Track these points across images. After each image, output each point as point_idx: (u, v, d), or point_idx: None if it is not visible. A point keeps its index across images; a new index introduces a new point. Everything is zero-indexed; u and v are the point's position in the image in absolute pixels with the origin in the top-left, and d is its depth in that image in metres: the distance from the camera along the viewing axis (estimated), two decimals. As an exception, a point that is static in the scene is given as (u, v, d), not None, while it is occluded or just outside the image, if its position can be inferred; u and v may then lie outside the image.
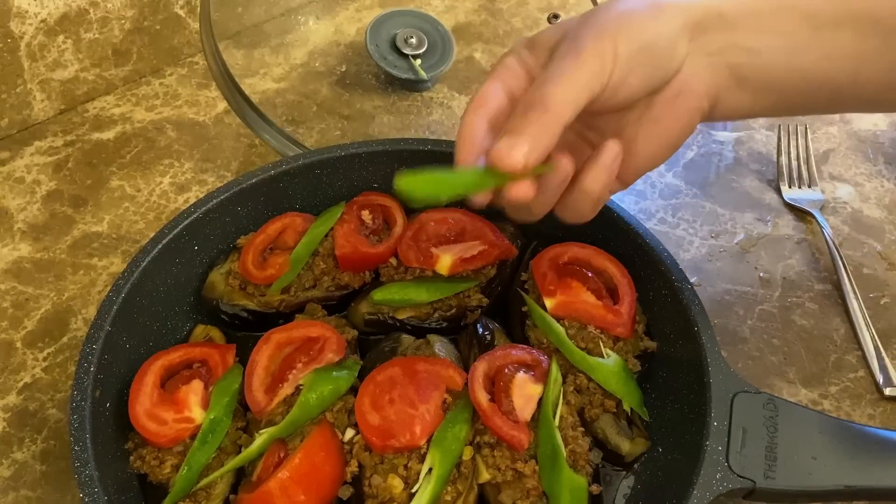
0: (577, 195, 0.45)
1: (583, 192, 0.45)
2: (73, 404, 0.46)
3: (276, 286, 0.58)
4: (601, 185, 0.44)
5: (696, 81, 0.44)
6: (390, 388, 0.49)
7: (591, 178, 0.44)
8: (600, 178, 0.44)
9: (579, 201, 0.45)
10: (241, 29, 0.93)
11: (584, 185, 0.44)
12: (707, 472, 0.44)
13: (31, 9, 0.73)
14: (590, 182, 0.44)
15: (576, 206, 0.45)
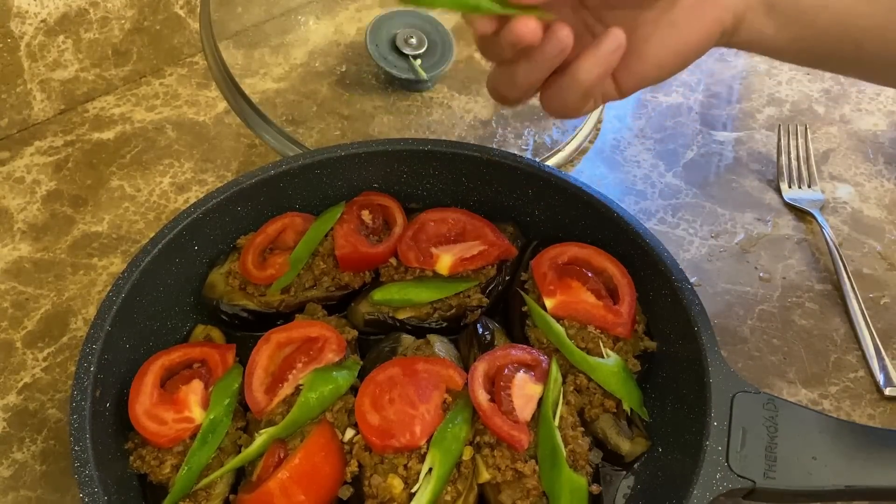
0: (567, 80, 0.42)
1: (574, 78, 0.42)
2: (73, 404, 0.46)
3: (276, 286, 0.58)
4: (595, 75, 0.41)
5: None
6: (390, 388, 0.49)
7: (586, 64, 0.41)
8: (595, 67, 0.41)
9: (567, 88, 0.42)
10: (241, 29, 0.93)
11: (578, 71, 0.41)
12: (707, 472, 0.44)
13: (31, 9, 0.73)
14: (584, 69, 0.41)
15: (562, 93, 0.43)
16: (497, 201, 0.63)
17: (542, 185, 0.61)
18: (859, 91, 0.88)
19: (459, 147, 0.62)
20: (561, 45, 0.40)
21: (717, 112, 0.85)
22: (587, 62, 0.41)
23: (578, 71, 0.41)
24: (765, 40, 0.45)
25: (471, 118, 0.84)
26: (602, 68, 0.42)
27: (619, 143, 0.81)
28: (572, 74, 0.42)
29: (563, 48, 0.41)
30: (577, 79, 0.42)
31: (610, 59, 0.42)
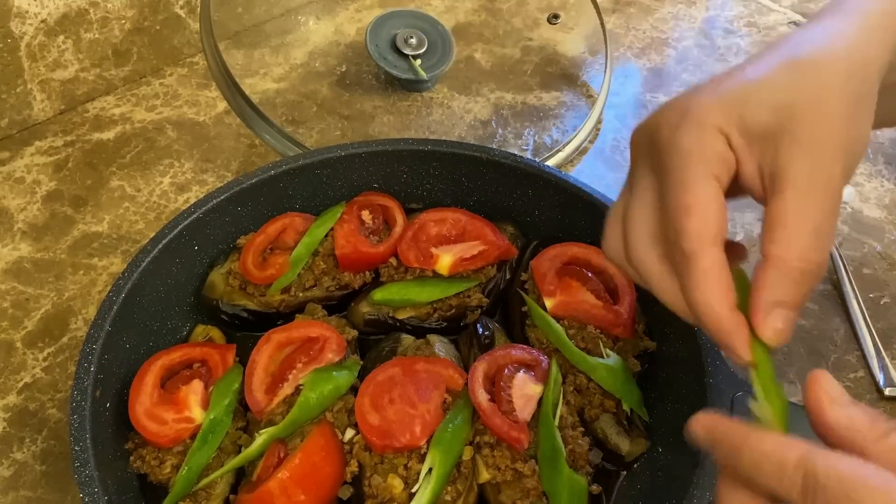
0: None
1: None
2: (73, 404, 0.46)
3: (276, 286, 0.58)
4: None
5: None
6: (390, 388, 0.49)
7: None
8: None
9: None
10: (241, 29, 0.93)
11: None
12: (707, 472, 0.44)
13: (31, 9, 0.73)
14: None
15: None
16: (497, 201, 0.63)
17: (542, 185, 0.61)
18: (859, 91, 0.88)
19: (459, 147, 0.62)
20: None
21: (717, 112, 0.85)
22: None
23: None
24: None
25: (471, 118, 0.84)
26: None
27: (619, 143, 0.81)
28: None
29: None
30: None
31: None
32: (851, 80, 0.34)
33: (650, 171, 0.35)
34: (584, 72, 0.91)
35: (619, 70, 0.91)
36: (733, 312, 0.33)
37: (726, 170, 0.33)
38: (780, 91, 0.33)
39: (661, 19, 1.01)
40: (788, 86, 0.33)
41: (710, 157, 0.33)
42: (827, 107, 0.33)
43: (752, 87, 0.33)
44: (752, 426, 0.31)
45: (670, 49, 0.95)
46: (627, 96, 0.88)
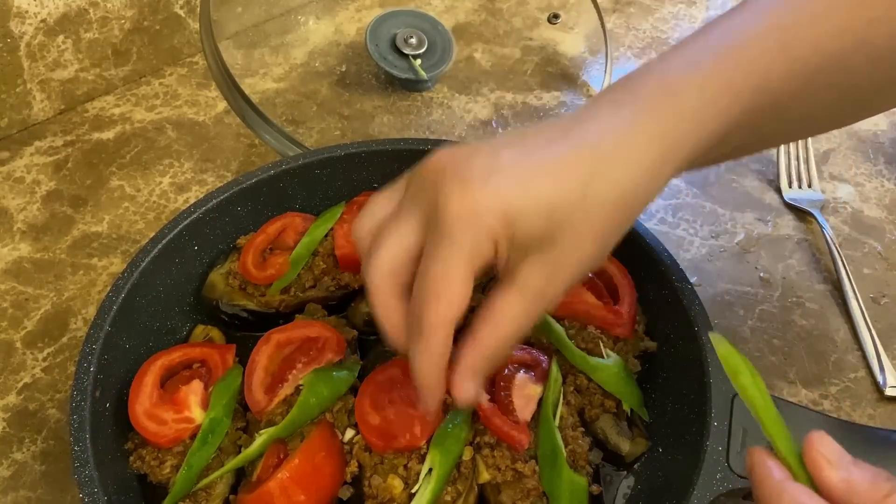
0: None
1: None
2: (73, 404, 0.46)
3: (276, 286, 0.57)
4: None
5: None
6: (390, 389, 0.49)
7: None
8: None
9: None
10: (241, 29, 0.93)
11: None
12: (707, 472, 0.44)
13: (31, 9, 0.73)
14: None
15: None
16: (497, 201, 0.63)
17: (543, 185, 0.61)
18: (859, 91, 0.88)
19: (459, 147, 0.62)
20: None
21: (718, 112, 0.85)
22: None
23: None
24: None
25: (471, 118, 0.84)
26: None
27: (620, 143, 0.81)
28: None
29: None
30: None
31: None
32: (621, 212, 0.37)
33: (421, 224, 0.37)
34: (584, 72, 0.91)
35: (619, 70, 0.91)
36: (440, 381, 0.38)
37: (485, 262, 0.36)
38: (557, 216, 0.35)
39: (662, 19, 1.01)
40: (565, 214, 0.35)
41: (475, 257, 0.36)
42: (586, 239, 0.37)
43: (534, 200, 0.35)
44: (788, 476, 0.34)
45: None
46: (627, 96, 0.87)
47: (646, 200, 0.39)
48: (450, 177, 0.36)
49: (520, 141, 0.37)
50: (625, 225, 0.39)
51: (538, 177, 0.35)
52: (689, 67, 0.39)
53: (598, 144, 0.36)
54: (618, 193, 0.36)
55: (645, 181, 0.37)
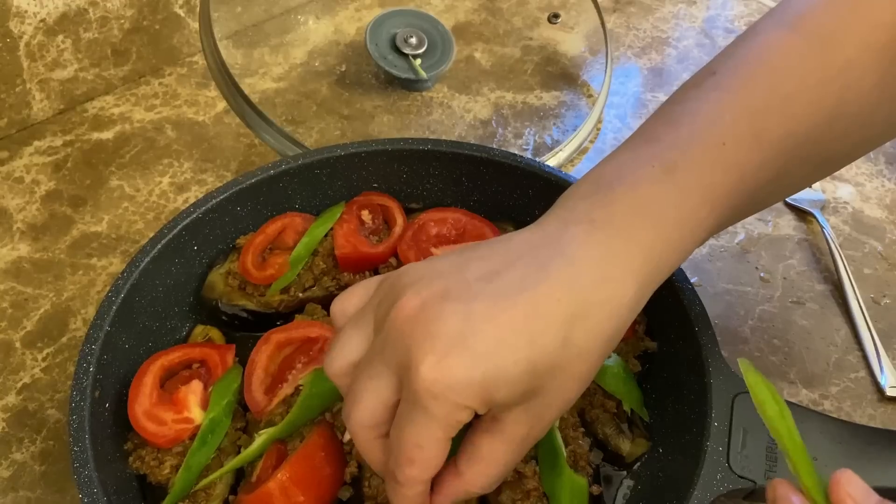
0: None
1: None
2: (73, 405, 0.46)
3: (276, 286, 0.57)
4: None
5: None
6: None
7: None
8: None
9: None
10: (241, 28, 0.93)
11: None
12: (707, 472, 0.44)
13: (30, 8, 0.73)
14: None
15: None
16: (497, 201, 0.63)
17: (542, 185, 0.61)
18: (860, 91, 0.87)
19: (459, 147, 0.62)
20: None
21: (718, 112, 0.85)
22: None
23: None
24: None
25: (471, 118, 0.84)
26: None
27: (620, 143, 0.80)
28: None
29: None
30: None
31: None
32: (604, 351, 0.36)
33: (394, 381, 0.35)
34: (584, 71, 0.91)
35: (619, 70, 0.91)
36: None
37: (460, 426, 0.35)
38: (539, 373, 0.34)
39: (662, 19, 1.01)
40: (547, 370, 0.34)
41: (449, 425, 0.34)
42: (569, 385, 0.36)
43: (513, 365, 0.33)
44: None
45: (671, 49, 0.95)
46: (628, 96, 0.87)
47: (626, 328, 0.37)
48: (421, 338, 0.33)
49: (496, 276, 0.35)
50: (607, 356, 0.37)
51: (515, 335, 0.33)
52: (664, 176, 0.37)
53: (577, 285, 0.35)
54: (601, 340, 0.35)
55: (625, 319, 0.36)
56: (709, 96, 0.40)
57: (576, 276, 0.35)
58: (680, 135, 0.39)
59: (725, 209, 0.39)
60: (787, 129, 0.39)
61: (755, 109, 0.39)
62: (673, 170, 0.37)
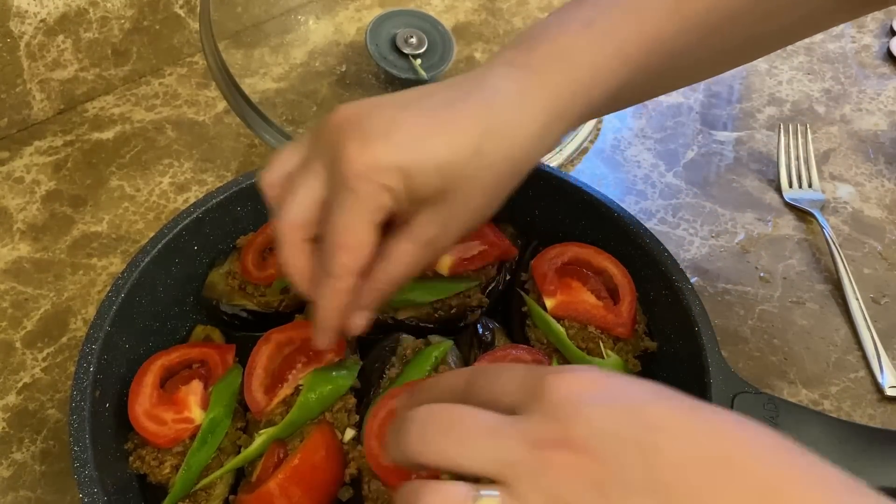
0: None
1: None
2: (73, 405, 0.46)
3: (276, 286, 0.57)
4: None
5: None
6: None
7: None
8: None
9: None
10: (241, 29, 0.92)
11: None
12: (707, 472, 0.44)
13: (30, 8, 0.73)
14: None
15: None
16: (497, 201, 0.63)
17: (542, 185, 0.61)
18: (860, 91, 0.88)
19: (459, 147, 0.62)
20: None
21: (718, 112, 0.85)
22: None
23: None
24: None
25: (471, 118, 0.84)
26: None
27: (620, 143, 0.81)
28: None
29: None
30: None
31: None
32: (510, 170, 0.40)
33: (326, 177, 0.39)
34: (584, 71, 0.91)
35: (619, 70, 0.91)
36: (339, 321, 0.41)
37: (385, 214, 0.39)
38: (451, 173, 0.38)
39: (662, 19, 1.01)
40: (458, 171, 0.38)
41: (375, 208, 0.38)
42: (476, 194, 0.39)
43: (429, 158, 0.38)
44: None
45: (670, 49, 0.95)
46: (627, 96, 0.87)
47: (536, 157, 0.42)
48: (351, 132, 0.38)
49: (424, 99, 0.40)
50: (514, 180, 0.41)
51: (434, 136, 0.38)
52: (582, 29, 0.41)
53: (493, 106, 0.39)
54: (508, 153, 0.39)
55: (535, 141, 0.40)
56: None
57: (492, 100, 0.39)
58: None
59: (640, 65, 0.42)
60: (710, 5, 0.42)
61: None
62: (590, 24, 0.41)
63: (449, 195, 0.39)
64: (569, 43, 0.41)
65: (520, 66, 0.40)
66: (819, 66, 0.91)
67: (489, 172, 0.39)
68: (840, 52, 0.93)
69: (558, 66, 0.40)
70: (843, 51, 0.93)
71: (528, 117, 0.39)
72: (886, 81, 0.89)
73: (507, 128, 0.39)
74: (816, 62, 0.91)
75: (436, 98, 0.40)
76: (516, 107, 0.39)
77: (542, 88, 0.40)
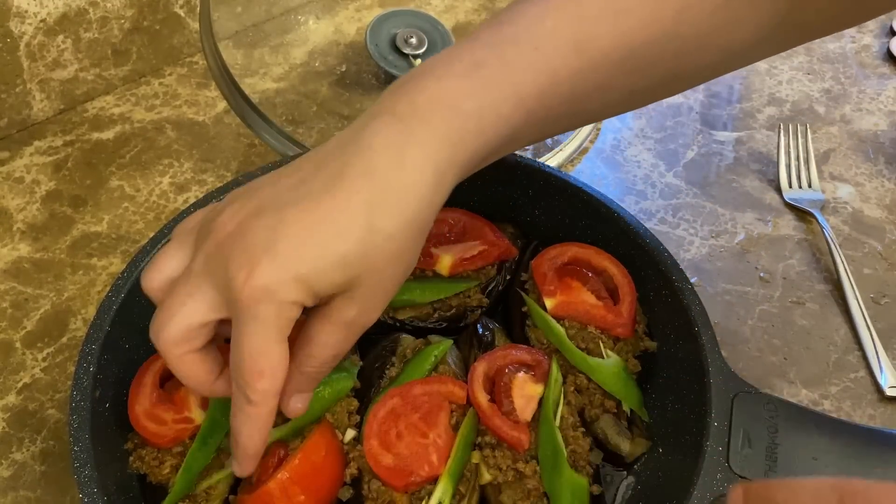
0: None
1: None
2: (73, 404, 0.46)
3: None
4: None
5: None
6: (395, 422, 0.48)
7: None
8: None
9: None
10: (241, 29, 0.92)
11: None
12: (707, 472, 0.44)
13: (30, 8, 0.73)
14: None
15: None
16: (497, 201, 0.63)
17: (542, 185, 0.61)
18: (860, 91, 0.88)
19: (459, 147, 0.62)
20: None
21: (718, 112, 0.85)
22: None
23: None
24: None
25: (471, 118, 0.84)
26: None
27: (620, 143, 0.81)
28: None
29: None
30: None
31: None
32: (411, 234, 0.38)
33: (212, 297, 0.37)
34: (584, 71, 0.91)
35: (619, 70, 0.91)
36: (263, 443, 0.39)
37: (294, 322, 0.37)
38: (351, 263, 0.36)
39: (662, 19, 1.01)
40: (358, 258, 0.36)
41: (281, 325, 0.36)
42: (385, 270, 0.37)
43: (323, 259, 0.36)
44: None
45: (670, 49, 0.95)
46: (627, 96, 0.87)
47: (433, 213, 0.39)
48: (236, 252, 0.36)
49: (302, 186, 0.37)
50: (420, 241, 0.39)
51: (321, 232, 0.35)
52: (470, 72, 0.38)
53: (374, 175, 0.36)
54: (402, 219, 0.37)
55: (428, 196, 0.37)
56: (541, 1, 0.41)
57: (373, 165, 0.36)
58: (498, 34, 0.40)
59: (537, 109, 0.40)
60: (615, 42, 0.39)
61: (583, 18, 0.39)
62: (480, 66, 0.38)
63: (358, 280, 0.37)
64: (453, 87, 0.38)
65: (401, 117, 0.38)
66: (819, 66, 0.91)
67: (390, 244, 0.37)
68: (840, 52, 0.93)
69: (441, 115, 0.37)
70: (843, 51, 0.93)
71: (413, 176, 0.37)
72: (886, 81, 0.89)
73: (394, 194, 0.36)
74: (816, 62, 0.92)
75: (314, 183, 0.37)
76: (398, 167, 0.37)
77: (426, 141, 0.37)
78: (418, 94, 0.38)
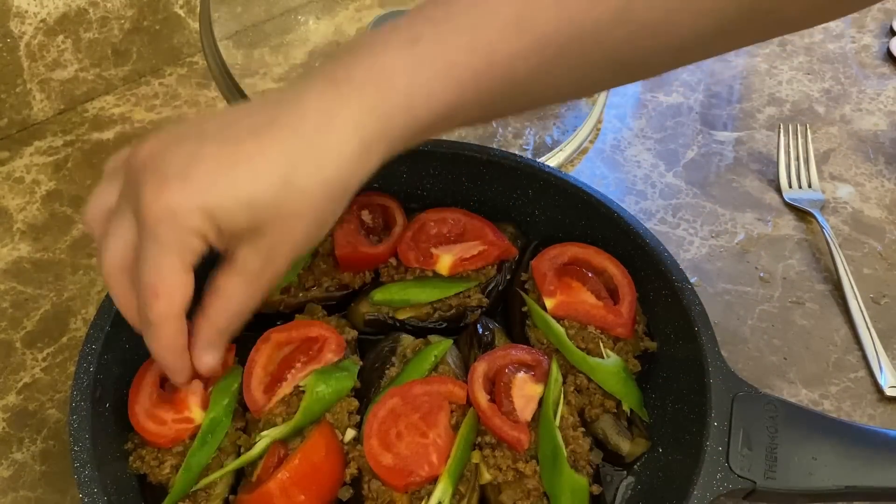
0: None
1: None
2: (73, 404, 0.46)
3: (277, 286, 0.57)
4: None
5: None
6: (395, 422, 0.48)
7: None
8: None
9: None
10: (241, 28, 0.93)
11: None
12: (707, 472, 0.44)
13: (30, 9, 0.73)
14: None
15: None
16: (497, 201, 0.63)
17: (542, 185, 0.61)
18: (860, 91, 0.88)
19: (459, 147, 0.62)
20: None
21: (718, 112, 0.85)
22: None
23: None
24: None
25: (471, 118, 0.84)
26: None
27: (620, 143, 0.81)
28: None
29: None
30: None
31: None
32: (328, 197, 0.38)
33: (133, 221, 0.38)
34: (584, 71, 0.91)
35: (619, 70, 0.91)
36: (182, 359, 0.41)
37: (197, 255, 0.37)
38: (260, 208, 0.36)
39: (661, 19, 1.01)
40: (268, 206, 0.36)
41: (182, 251, 0.37)
42: (295, 226, 0.38)
43: (232, 195, 0.36)
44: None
45: (670, 49, 0.95)
46: (627, 96, 0.87)
47: (355, 182, 0.39)
48: (149, 174, 0.36)
49: (229, 128, 0.38)
50: (338, 204, 0.39)
51: (237, 170, 0.36)
52: (406, 45, 0.38)
53: (301, 130, 0.37)
54: (320, 179, 0.37)
55: (351, 163, 0.38)
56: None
57: (302, 122, 0.37)
58: (440, 11, 0.39)
59: (472, 89, 0.39)
60: (558, 24, 0.39)
61: (527, 0, 0.39)
62: (416, 41, 0.38)
63: (264, 228, 0.37)
64: (388, 62, 0.38)
65: (338, 84, 0.38)
66: (819, 66, 0.91)
67: (303, 201, 0.37)
68: (840, 52, 0.93)
69: (374, 88, 0.38)
70: (842, 51, 0.93)
71: (338, 140, 0.37)
72: (886, 81, 0.89)
73: (316, 153, 0.37)
74: (816, 62, 0.92)
75: (241, 125, 0.37)
76: (325, 129, 0.37)
77: (357, 110, 0.37)
78: (356, 66, 0.38)
